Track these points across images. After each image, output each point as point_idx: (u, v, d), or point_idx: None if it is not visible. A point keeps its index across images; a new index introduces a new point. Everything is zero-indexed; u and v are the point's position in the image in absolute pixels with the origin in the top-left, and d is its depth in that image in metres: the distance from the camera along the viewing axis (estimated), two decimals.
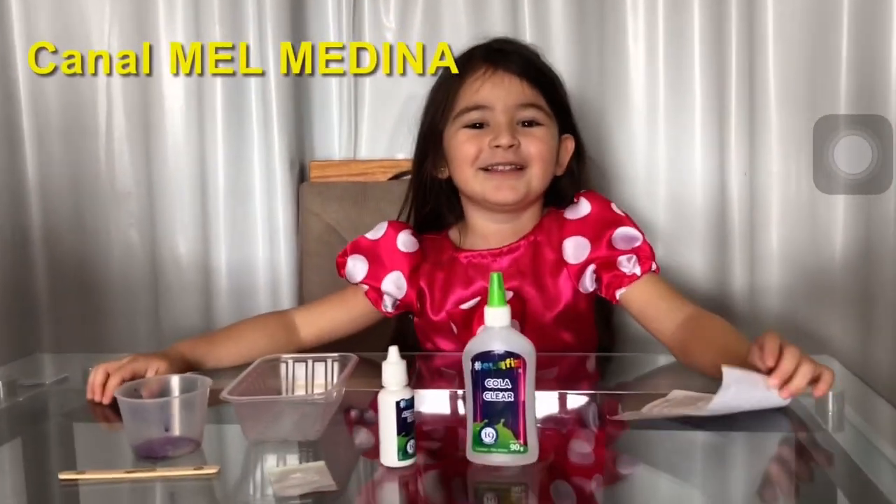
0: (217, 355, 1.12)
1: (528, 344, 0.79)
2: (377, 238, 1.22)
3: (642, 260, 1.12)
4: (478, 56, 1.17)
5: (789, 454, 0.85)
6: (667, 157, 1.47)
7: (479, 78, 1.14)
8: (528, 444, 0.78)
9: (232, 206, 1.54)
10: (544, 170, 1.15)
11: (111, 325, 1.58)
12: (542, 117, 1.15)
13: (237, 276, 1.55)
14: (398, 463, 0.78)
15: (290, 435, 0.86)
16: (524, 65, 1.15)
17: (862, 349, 1.44)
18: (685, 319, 1.05)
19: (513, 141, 1.12)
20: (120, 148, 1.57)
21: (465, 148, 1.14)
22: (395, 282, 1.19)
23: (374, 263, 1.20)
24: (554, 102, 1.17)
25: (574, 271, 1.15)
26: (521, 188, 1.14)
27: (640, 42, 1.45)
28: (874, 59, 1.39)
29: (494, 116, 1.14)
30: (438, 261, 1.20)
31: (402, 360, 0.80)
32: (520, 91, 1.14)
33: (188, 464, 0.81)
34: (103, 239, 1.58)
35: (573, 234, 1.15)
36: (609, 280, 1.12)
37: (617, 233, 1.13)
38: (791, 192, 1.45)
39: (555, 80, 1.20)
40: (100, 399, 0.99)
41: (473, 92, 1.15)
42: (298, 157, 1.56)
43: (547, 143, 1.15)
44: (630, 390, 1.06)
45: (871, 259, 1.42)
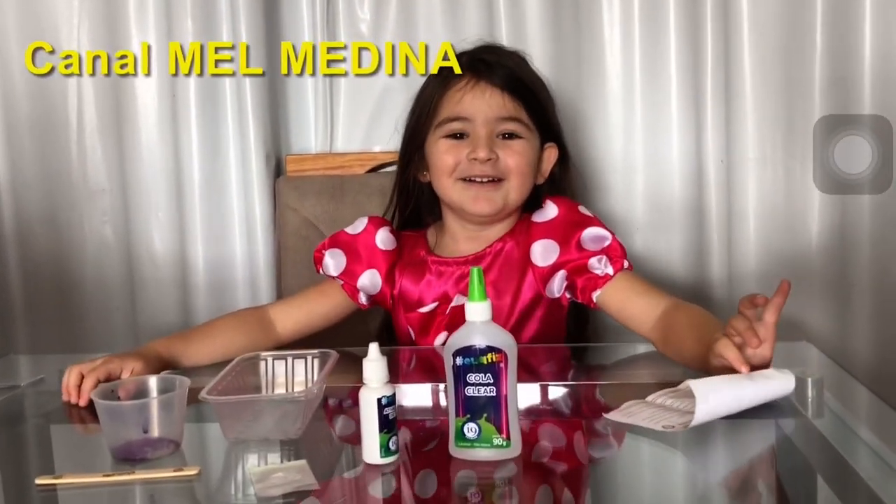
0: (193, 353, 1.11)
1: (510, 338, 0.79)
2: (356, 233, 1.22)
3: (613, 259, 1.12)
4: (462, 65, 1.17)
5: (769, 440, 0.85)
6: (643, 145, 1.48)
7: (462, 89, 1.15)
8: (511, 438, 0.78)
9: (208, 201, 1.52)
10: (522, 182, 1.16)
11: (86, 324, 1.56)
12: (521, 130, 1.16)
13: (214, 273, 1.53)
14: (381, 460, 0.78)
15: (271, 434, 0.86)
16: (507, 77, 1.15)
17: (839, 335, 1.45)
18: (663, 312, 1.06)
19: (490, 154, 1.13)
20: (92, 144, 1.54)
21: (445, 158, 1.16)
22: (370, 279, 1.20)
23: (351, 259, 1.21)
24: (536, 113, 1.17)
25: (541, 274, 1.15)
26: (499, 201, 1.15)
27: (615, 29, 1.45)
28: (848, 47, 1.40)
29: (474, 128, 1.14)
30: (412, 261, 1.21)
31: (382, 357, 0.79)
32: (500, 104, 1.14)
33: (168, 465, 0.80)
34: (77, 236, 1.56)
35: (541, 237, 1.16)
36: (583, 284, 1.12)
37: (585, 234, 1.13)
38: (767, 179, 1.46)
39: (538, 92, 1.19)
40: (75, 401, 0.98)
41: (455, 103, 1.15)
42: (274, 151, 1.54)
43: (525, 157, 1.15)
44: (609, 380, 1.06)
45: (848, 245, 1.44)
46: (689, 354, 0.98)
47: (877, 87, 1.39)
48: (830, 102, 1.42)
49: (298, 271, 1.48)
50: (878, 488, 0.71)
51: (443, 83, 1.17)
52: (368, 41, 1.52)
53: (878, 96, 1.39)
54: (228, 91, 1.50)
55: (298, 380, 0.96)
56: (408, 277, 1.20)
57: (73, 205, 1.56)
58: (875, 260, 1.42)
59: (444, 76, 1.18)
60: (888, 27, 1.37)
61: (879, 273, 1.42)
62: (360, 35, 1.53)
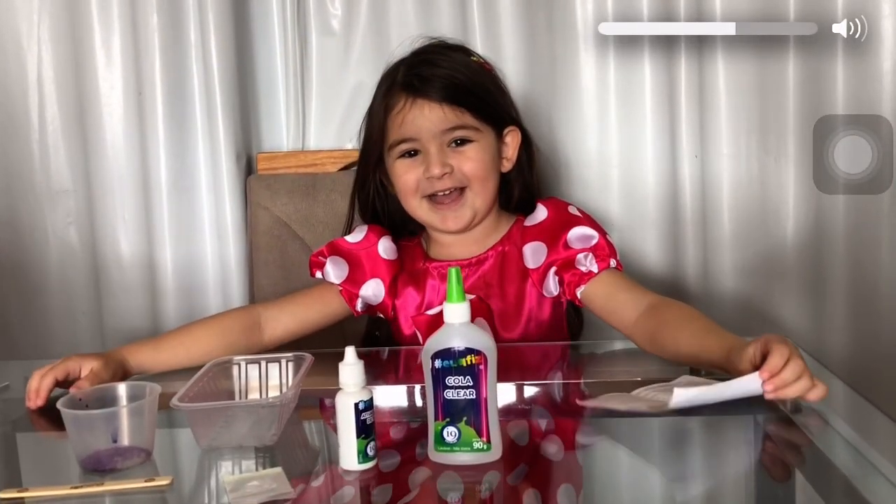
0: (163, 361, 1.08)
1: (489, 339, 0.78)
2: (357, 242, 1.21)
3: (600, 258, 1.12)
4: (398, 85, 1.16)
5: (748, 436, 0.86)
6: (618, 141, 1.47)
7: (401, 111, 1.15)
8: (491, 441, 0.77)
9: (176, 201, 1.49)
10: (483, 186, 1.16)
11: (51, 330, 1.52)
12: (471, 134, 1.16)
13: (184, 275, 1.50)
14: (358, 466, 0.77)
15: (246, 441, 0.84)
16: (444, 89, 1.14)
17: (814, 329, 1.46)
18: (648, 308, 1.05)
19: (445, 169, 1.14)
20: (55, 143, 1.50)
21: (405, 179, 1.16)
22: (374, 289, 1.19)
23: (354, 268, 1.20)
24: (484, 111, 1.17)
25: (536, 277, 1.16)
26: (466, 214, 1.16)
27: (589, 25, 1.45)
28: (820, 40, 1.40)
29: (423, 146, 1.15)
30: (413, 270, 1.21)
31: (359, 361, 0.77)
32: (442, 117, 1.14)
33: (139, 475, 0.78)
34: (40, 239, 1.52)
35: (531, 240, 1.17)
36: (569, 279, 1.13)
37: (572, 233, 1.14)
38: (742, 174, 1.46)
39: (480, 92, 1.17)
40: (32, 405, 0.96)
41: (398, 126, 1.15)
42: (245, 149, 1.51)
43: (480, 160, 1.15)
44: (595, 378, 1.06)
45: (822, 239, 1.45)
46: (685, 350, 0.98)
47: (849, 82, 1.39)
48: (803, 98, 1.42)
49: (271, 271, 1.46)
50: (856, 482, 0.71)
51: (384, 107, 1.17)
52: (339, 37, 1.50)
53: (851, 92, 1.39)
54: (197, 88, 1.47)
55: (273, 384, 0.94)
56: (411, 287, 1.20)
57: (35, 207, 1.51)
58: (849, 254, 1.43)
59: (383, 97, 1.17)
60: (861, 22, 1.38)
61: (854, 267, 1.43)
62: (331, 31, 1.51)
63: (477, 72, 1.19)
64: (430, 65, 1.16)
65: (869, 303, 1.43)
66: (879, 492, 0.71)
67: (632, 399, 0.90)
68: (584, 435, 0.89)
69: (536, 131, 1.52)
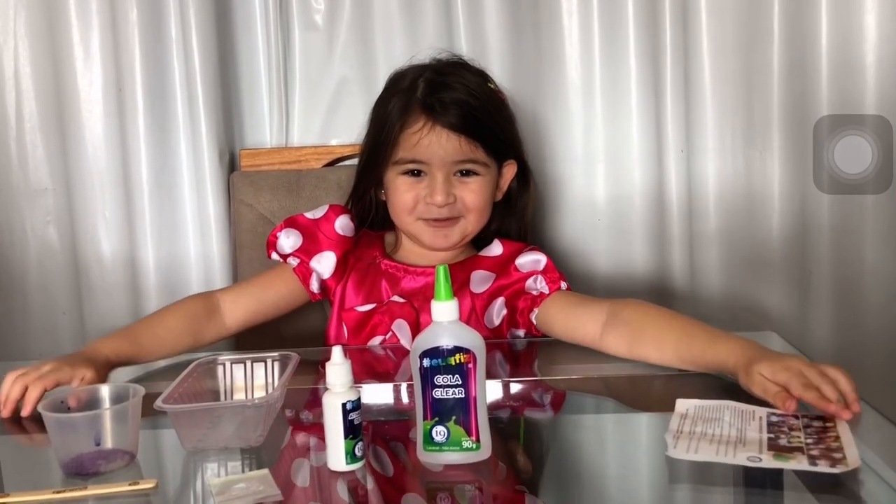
0: (144, 353, 1.07)
1: (478, 338, 0.77)
2: (316, 218, 1.22)
3: (550, 280, 1.13)
4: (417, 103, 1.14)
5: None
6: (604, 135, 1.47)
7: (418, 132, 1.14)
8: (480, 440, 0.76)
9: (158, 199, 1.47)
10: (479, 218, 1.17)
11: (31, 330, 1.50)
12: (479, 168, 1.16)
13: (167, 273, 1.48)
14: (346, 467, 0.76)
15: (231, 442, 0.83)
16: (462, 119, 1.13)
17: (800, 322, 1.47)
18: (609, 316, 1.04)
19: (448, 199, 1.14)
20: (33, 140, 1.48)
21: (404, 198, 1.16)
22: (325, 260, 1.19)
23: (308, 239, 1.20)
24: (494, 146, 1.17)
25: (480, 303, 1.15)
26: (456, 236, 1.17)
27: (574, 20, 1.44)
28: (805, 34, 1.40)
29: (431, 170, 1.15)
30: (362, 257, 1.21)
31: (347, 360, 0.77)
32: (457, 147, 1.14)
33: (123, 479, 0.77)
34: (18, 238, 1.50)
35: (482, 268, 1.17)
36: (522, 306, 1.14)
37: (520, 258, 1.16)
38: (728, 169, 1.46)
39: (495, 126, 1.17)
40: (8, 414, 0.93)
41: (411, 146, 1.14)
42: (228, 146, 1.50)
43: (482, 194, 1.16)
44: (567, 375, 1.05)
45: (808, 233, 1.45)
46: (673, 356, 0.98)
47: (834, 75, 1.40)
48: (788, 92, 1.43)
49: (255, 269, 1.44)
50: (846, 478, 0.71)
51: (400, 120, 1.15)
52: (322, 32, 1.48)
53: (835, 84, 1.40)
54: (178, 83, 1.45)
55: (258, 384, 0.93)
56: (357, 273, 1.20)
57: (13, 205, 1.49)
58: (835, 248, 1.44)
59: (400, 111, 1.15)
60: (844, 14, 1.38)
61: (839, 261, 1.44)
62: (314, 25, 1.49)
63: (493, 102, 1.19)
64: (451, 89, 1.15)
65: (854, 297, 1.44)
66: (865, 483, 0.72)
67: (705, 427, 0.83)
68: (573, 432, 0.89)
69: (521, 126, 1.53)
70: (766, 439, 0.78)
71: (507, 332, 1.16)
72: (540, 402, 0.98)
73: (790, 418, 0.83)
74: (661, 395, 0.94)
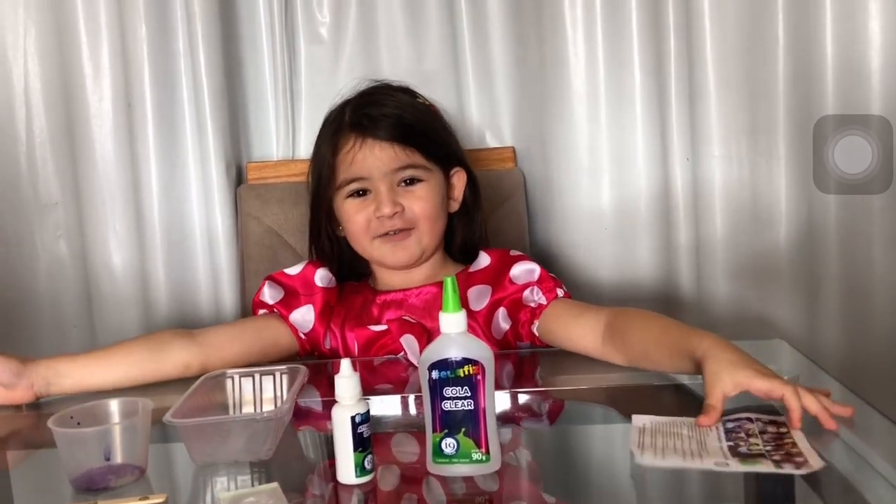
0: (86, 372, 1.03)
1: (486, 349, 0.77)
2: (295, 274, 1.21)
3: (546, 289, 1.13)
4: (346, 125, 1.16)
5: None
6: (609, 144, 1.47)
7: (351, 150, 1.15)
8: (490, 452, 0.76)
9: (167, 212, 1.48)
10: (431, 226, 1.17)
11: (42, 344, 1.50)
12: (421, 173, 1.16)
13: (176, 285, 1.49)
14: (356, 480, 0.76)
15: (241, 456, 0.83)
16: (392, 128, 1.14)
17: (809, 330, 1.45)
18: (606, 325, 1.04)
19: (395, 208, 1.14)
20: (43, 155, 1.49)
21: (356, 220, 1.16)
22: (303, 314, 1.18)
23: (289, 295, 1.19)
24: (433, 150, 1.17)
25: (482, 318, 1.15)
26: (415, 250, 1.16)
27: (578, 29, 1.44)
28: (809, 41, 1.40)
29: (374, 185, 1.15)
30: (353, 305, 1.20)
31: (355, 373, 0.77)
32: (392, 156, 1.14)
33: (133, 494, 0.77)
34: (28, 252, 1.50)
35: (476, 283, 1.17)
36: (523, 318, 1.13)
37: (514, 269, 1.15)
38: (734, 176, 1.45)
39: (429, 131, 1.18)
40: None
41: (348, 165, 1.15)
42: (235, 159, 1.50)
43: (430, 200, 1.16)
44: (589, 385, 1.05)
45: (815, 240, 1.44)
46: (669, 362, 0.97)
47: (839, 81, 1.39)
48: (793, 98, 1.42)
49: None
50: (852, 480, 0.71)
51: (332, 147, 1.16)
52: (328, 44, 1.49)
53: (840, 90, 1.39)
54: (186, 98, 1.46)
55: (267, 397, 0.93)
56: (350, 319, 1.18)
57: (23, 219, 1.50)
58: (842, 254, 1.43)
59: (331, 138, 1.17)
60: (849, 20, 1.38)
61: (847, 267, 1.43)
62: (320, 38, 1.50)
63: (424, 112, 1.20)
64: (377, 105, 1.17)
65: (862, 303, 1.43)
66: (875, 490, 0.71)
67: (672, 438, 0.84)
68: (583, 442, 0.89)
69: (527, 135, 1.53)
70: (727, 447, 0.79)
71: (513, 340, 1.16)
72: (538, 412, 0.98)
73: (745, 422, 0.84)
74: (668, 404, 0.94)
